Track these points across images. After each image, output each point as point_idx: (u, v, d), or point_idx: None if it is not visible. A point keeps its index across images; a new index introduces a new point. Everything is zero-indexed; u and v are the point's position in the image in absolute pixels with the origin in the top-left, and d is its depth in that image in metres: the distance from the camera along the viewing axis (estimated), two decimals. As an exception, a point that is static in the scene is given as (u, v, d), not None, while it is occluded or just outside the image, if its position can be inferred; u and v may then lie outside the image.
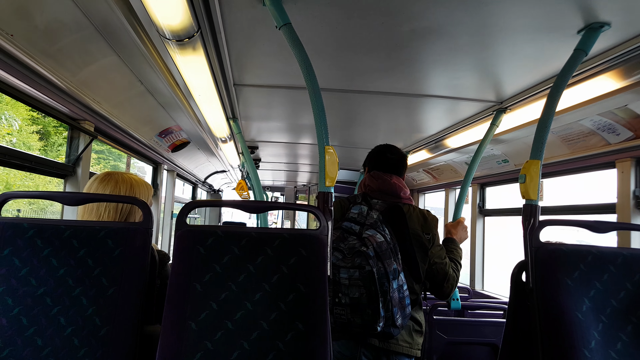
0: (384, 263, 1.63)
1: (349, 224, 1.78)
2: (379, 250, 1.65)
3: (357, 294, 1.61)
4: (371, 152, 2.08)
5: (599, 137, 2.36)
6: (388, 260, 1.65)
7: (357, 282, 1.62)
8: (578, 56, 1.55)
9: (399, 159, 2.02)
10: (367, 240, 1.68)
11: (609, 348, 1.27)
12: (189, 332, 1.22)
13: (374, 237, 1.69)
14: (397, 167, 1.99)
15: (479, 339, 2.33)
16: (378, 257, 1.64)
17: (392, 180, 1.92)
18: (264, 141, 4.29)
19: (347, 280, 1.63)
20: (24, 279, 1.26)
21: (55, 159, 2.23)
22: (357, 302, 1.61)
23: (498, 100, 2.44)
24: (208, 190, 7.35)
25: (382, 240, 1.69)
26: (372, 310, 1.60)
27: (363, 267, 1.62)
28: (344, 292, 1.63)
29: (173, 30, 1.55)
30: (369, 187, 1.96)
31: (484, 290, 3.91)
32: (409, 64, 2.05)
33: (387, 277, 1.62)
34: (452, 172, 4.23)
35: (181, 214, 1.37)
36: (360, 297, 1.61)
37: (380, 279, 1.61)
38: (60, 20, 1.56)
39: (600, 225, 1.44)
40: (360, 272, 1.62)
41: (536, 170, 1.43)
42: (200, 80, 2.14)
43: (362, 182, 2.02)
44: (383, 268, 1.63)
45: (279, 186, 9.11)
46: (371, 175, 1.97)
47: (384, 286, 1.61)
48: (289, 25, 1.45)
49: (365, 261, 1.62)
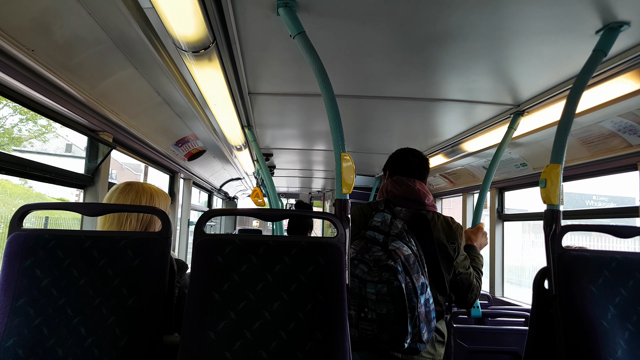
0: (412, 277, 1.58)
1: (372, 233, 1.73)
2: (407, 264, 1.59)
3: (385, 310, 1.56)
4: (392, 156, 2.03)
5: (620, 139, 2.31)
6: (416, 274, 1.59)
7: (385, 297, 1.56)
8: (597, 57, 1.52)
9: (421, 162, 1.97)
10: (395, 253, 1.62)
11: (636, 357, 1.24)
12: (208, 341, 1.22)
13: (401, 249, 1.63)
14: (420, 171, 1.94)
15: (501, 347, 2.28)
16: (406, 272, 1.58)
17: (416, 187, 1.87)
18: (278, 148, 4.31)
19: (374, 295, 1.57)
20: (45, 290, 1.27)
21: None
22: (384, 318, 1.56)
23: (515, 103, 2.41)
24: (223, 197, 7.39)
25: (410, 253, 1.63)
26: (400, 327, 1.54)
27: (391, 283, 1.56)
28: (370, 307, 1.57)
29: (189, 42, 1.57)
30: (391, 193, 1.90)
31: (504, 297, 3.84)
32: (423, 69, 2.03)
33: (416, 292, 1.56)
34: (469, 177, 4.18)
35: (199, 222, 1.38)
36: (387, 313, 1.55)
37: (409, 294, 1.55)
38: (79, 35, 1.59)
39: (624, 230, 1.40)
40: (388, 288, 1.56)
41: (557, 175, 1.41)
42: (215, 90, 2.16)
43: (384, 187, 1.96)
44: (411, 283, 1.57)
45: (293, 192, 9.11)
46: (394, 181, 1.91)
47: (412, 302, 1.55)
48: (303, 33, 1.45)
49: (393, 276, 1.56)
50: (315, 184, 7.59)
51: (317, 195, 8.67)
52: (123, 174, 22.20)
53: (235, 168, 5.30)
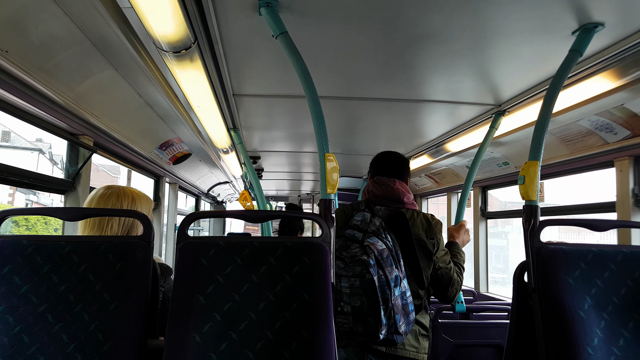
0: (385, 271, 1.63)
1: (351, 231, 1.78)
2: (380, 258, 1.64)
3: (359, 302, 1.60)
4: (373, 159, 2.09)
5: (597, 137, 2.36)
6: (389, 267, 1.64)
7: (358, 290, 1.61)
8: (573, 57, 1.56)
9: (400, 162, 2.02)
10: (368, 248, 1.67)
11: (612, 345, 1.27)
12: (193, 344, 1.21)
13: (374, 244, 1.68)
14: (399, 170, 1.99)
15: (485, 340, 2.32)
16: (379, 265, 1.63)
17: (395, 186, 1.92)
18: (266, 151, 4.30)
19: (348, 289, 1.62)
20: (24, 297, 1.25)
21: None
22: (358, 310, 1.61)
23: (497, 103, 2.44)
24: (211, 202, 7.34)
25: (384, 248, 1.68)
26: (373, 319, 1.59)
27: (364, 276, 1.61)
28: (345, 300, 1.62)
29: (170, 42, 1.56)
30: (372, 193, 1.95)
31: (488, 293, 3.89)
32: (407, 70, 2.05)
33: (389, 284, 1.61)
34: (453, 176, 4.23)
35: (182, 226, 1.37)
36: (361, 306, 1.60)
37: (382, 286, 1.60)
38: (55, 36, 1.57)
39: (600, 223, 1.44)
40: (360, 281, 1.61)
41: (535, 171, 1.43)
42: (198, 91, 2.15)
43: (366, 188, 2.01)
44: (384, 276, 1.62)
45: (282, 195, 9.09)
46: (374, 181, 1.97)
47: (385, 294, 1.60)
48: (285, 34, 1.45)
49: (365, 269, 1.61)
50: (305, 187, 7.59)
51: (307, 197, 8.66)
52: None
53: (222, 172, 5.26)
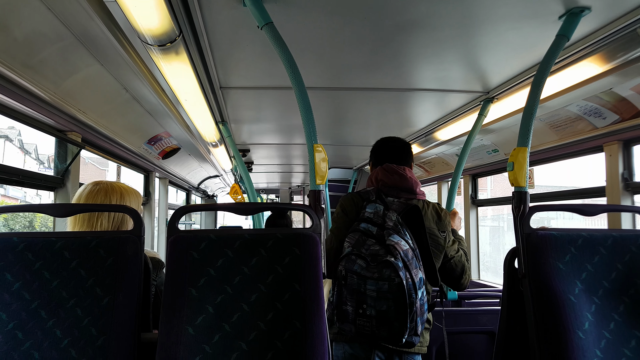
0: (412, 273, 1.56)
1: (366, 225, 1.70)
2: (406, 260, 1.57)
3: (385, 306, 1.53)
4: (375, 146, 2.03)
5: (586, 122, 2.38)
6: (415, 269, 1.58)
7: (385, 295, 1.53)
8: (560, 42, 1.56)
9: (402, 146, 1.97)
10: (394, 248, 1.59)
11: (603, 328, 1.29)
12: (186, 337, 1.22)
13: (399, 244, 1.60)
14: (406, 156, 1.94)
15: (477, 327, 2.34)
16: (406, 267, 1.56)
17: (407, 175, 1.85)
18: (255, 144, 4.28)
19: (374, 292, 1.54)
20: (17, 294, 1.26)
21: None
22: (384, 315, 1.53)
23: (485, 90, 2.45)
24: (202, 196, 7.32)
25: (408, 248, 1.61)
26: (399, 324, 1.53)
27: (393, 280, 1.53)
28: (369, 304, 1.55)
29: (154, 35, 1.54)
30: (382, 182, 1.86)
31: (480, 280, 3.93)
32: (394, 59, 2.05)
33: (415, 287, 1.55)
34: (443, 165, 4.25)
35: (172, 219, 1.37)
36: (388, 310, 1.53)
37: (409, 290, 1.54)
38: (39, 31, 1.55)
39: (589, 208, 1.45)
40: (389, 285, 1.53)
41: (524, 157, 1.44)
42: (185, 84, 2.13)
43: (373, 176, 1.92)
44: (411, 279, 1.55)
45: (273, 188, 9.09)
46: (384, 170, 1.88)
47: (411, 297, 1.53)
48: (270, 24, 1.44)
49: (395, 273, 1.53)
50: (295, 179, 7.59)
51: (297, 190, 8.67)
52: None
53: (212, 165, 5.24)
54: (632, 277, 1.36)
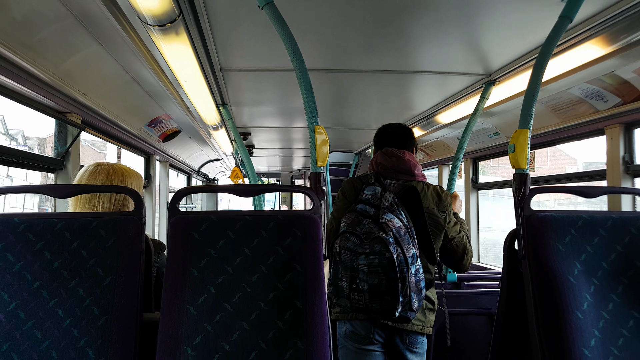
0: (404, 249, 1.61)
1: (363, 206, 1.75)
2: (398, 236, 1.62)
3: (377, 280, 1.58)
4: (377, 132, 2.06)
5: (588, 105, 2.37)
6: (407, 245, 1.62)
7: (376, 269, 1.58)
8: (563, 23, 1.54)
9: (404, 132, 2.00)
10: (386, 225, 1.64)
11: (601, 309, 1.30)
12: (188, 316, 1.23)
13: (392, 221, 1.65)
14: (406, 141, 1.97)
15: (476, 309, 2.37)
16: (397, 243, 1.61)
17: (406, 157, 1.88)
18: (256, 127, 4.27)
19: (366, 267, 1.59)
20: (18, 274, 1.27)
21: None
22: (376, 288, 1.58)
23: (486, 72, 2.43)
24: (203, 179, 7.32)
25: (401, 225, 1.65)
26: (391, 297, 1.57)
27: (383, 254, 1.58)
28: (362, 278, 1.59)
29: (154, 15, 1.52)
30: (381, 165, 1.90)
31: (480, 263, 3.96)
32: (396, 40, 2.03)
33: (407, 263, 1.59)
34: (445, 148, 4.24)
35: (173, 201, 1.38)
36: (379, 284, 1.58)
37: (400, 265, 1.58)
38: (38, 11, 1.53)
39: (590, 190, 1.45)
40: (380, 259, 1.58)
41: (525, 139, 1.44)
42: (185, 66, 2.11)
43: (374, 160, 1.96)
44: (402, 254, 1.60)
45: (274, 172, 9.08)
46: (383, 153, 1.92)
47: (403, 272, 1.58)
48: (271, 4, 1.42)
49: (385, 248, 1.58)
50: (296, 162, 7.57)
51: (298, 174, 8.66)
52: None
53: (213, 149, 5.23)
54: (631, 258, 1.37)
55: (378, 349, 1.79)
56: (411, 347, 1.79)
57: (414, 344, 1.79)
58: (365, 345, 1.78)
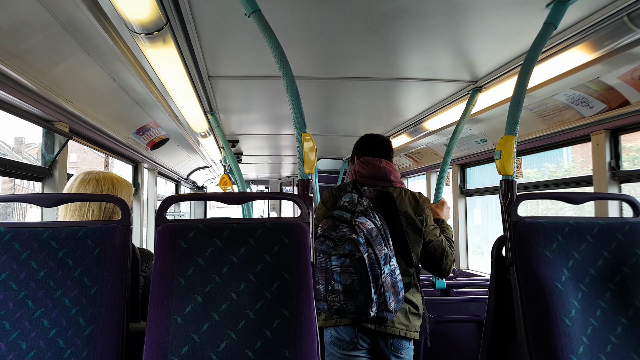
0: (375, 249, 1.64)
1: (339, 212, 1.79)
2: (369, 237, 1.65)
3: (349, 280, 1.61)
4: (357, 142, 2.12)
5: (574, 111, 2.40)
6: (379, 246, 1.66)
7: (348, 268, 1.62)
8: (547, 30, 1.56)
9: (383, 142, 2.06)
10: (357, 227, 1.68)
11: (589, 315, 1.31)
12: (175, 326, 1.22)
13: (363, 224, 1.69)
14: (384, 150, 2.03)
15: (465, 316, 2.37)
16: (368, 244, 1.64)
17: (382, 165, 1.94)
18: (244, 134, 4.26)
19: (338, 267, 1.63)
20: (3, 284, 1.25)
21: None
22: (349, 288, 1.61)
23: (473, 79, 2.46)
24: (191, 187, 7.28)
25: (372, 227, 1.69)
26: (364, 296, 1.60)
27: (354, 254, 1.61)
28: (335, 279, 1.63)
29: (141, 24, 1.52)
30: (359, 173, 1.97)
31: (469, 270, 3.97)
32: (383, 47, 2.05)
33: (378, 262, 1.62)
34: (432, 155, 4.27)
35: (160, 209, 1.37)
36: (352, 284, 1.61)
37: (372, 264, 1.61)
38: (24, 19, 1.52)
39: (576, 196, 1.47)
40: (351, 259, 1.61)
41: (511, 146, 1.45)
42: (173, 74, 2.11)
43: (352, 169, 2.03)
44: (374, 254, 1.63)
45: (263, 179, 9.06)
46: (361, 162, 1.99)
47: (375, 272, 1.61)
48: (258, 12, 1.43)
49: (355, 248, 1.62)
50: (285, 169, 7.57)
51: (287, 180, 8.65)
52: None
53: (201, 156, 5.21)
54: (618, 264, 1.38)
55: (363, 355, 1.80)
56: (396, 352, 1.80)
57: (398, 348, 1.80)
58: (350, 351, 1.79)
